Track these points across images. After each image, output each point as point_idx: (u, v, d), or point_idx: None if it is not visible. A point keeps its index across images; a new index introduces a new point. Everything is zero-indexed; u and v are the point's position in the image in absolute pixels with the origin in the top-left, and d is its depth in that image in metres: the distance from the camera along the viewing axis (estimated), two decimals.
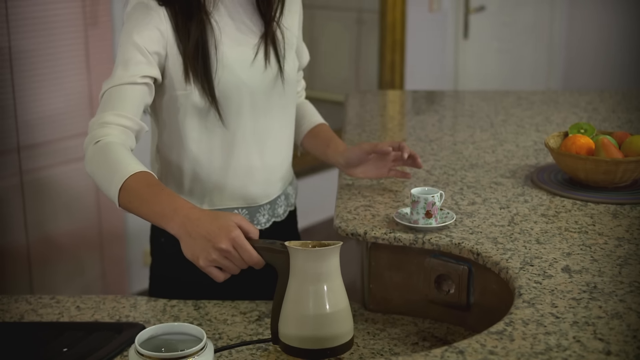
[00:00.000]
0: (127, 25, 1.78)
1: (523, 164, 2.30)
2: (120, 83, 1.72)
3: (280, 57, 1.91)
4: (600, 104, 3.01)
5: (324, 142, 2.09)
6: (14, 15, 3.29)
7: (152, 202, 1.56)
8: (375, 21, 5.18)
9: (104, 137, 1.66)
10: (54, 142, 3.50)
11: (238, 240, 1.47)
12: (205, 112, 1.83)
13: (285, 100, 1.95)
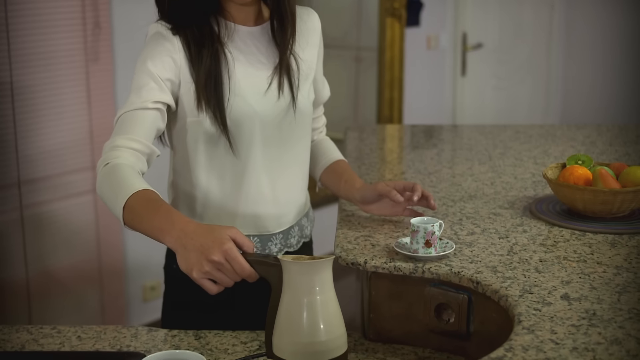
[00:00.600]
0: (143, 53, 1.82)
1: (521, 196, 2.32)
2: (133, 108, 1.77)
3: (293, 87, 1.92)
4: (597, 138, 3.03)
5: (341, 177, 2.10)
6: (16, 51, 3.32)
7: (152, 218, 1.59)
8: (373, 59, 5.23)
9: (113, 160, 1.69)
10: (54, 177, 3.51)
11: (230, 252, 1.48)
12: (217, 140, 1.85)
13: (298, 132, 1.95)
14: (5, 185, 3.36)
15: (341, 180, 2.10)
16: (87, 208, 3.63)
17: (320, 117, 2.20)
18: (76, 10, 3.48)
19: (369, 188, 2.03)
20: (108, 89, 3.64)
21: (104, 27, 3.58)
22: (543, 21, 6.26)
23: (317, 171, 2.15)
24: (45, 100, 3.45)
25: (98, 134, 3.61)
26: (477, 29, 5.72)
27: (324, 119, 2.22)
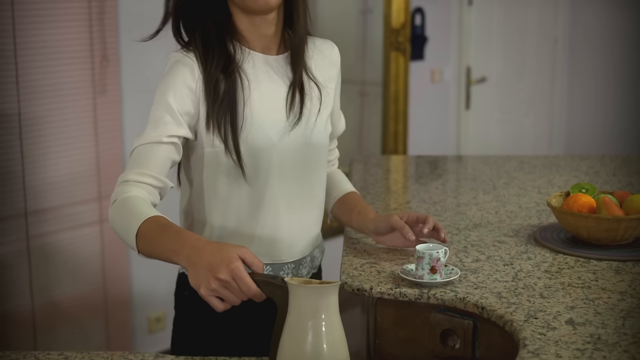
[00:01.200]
0: (162, 83, 1.83)
1: (526, 224, 2.34)
2: (147, 142, 1.78)
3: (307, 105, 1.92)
4: (601, 168, 3.05)
5: (354, 209, 2.10)
6: (24, 82, 3.36)
7: (163, 241, 1.61)
8: (378, 93, 5.26)
9: (123, 194, 1.72)
10: (61, 208, 3.53)
11: (237, 271, 1.50)
12: (234, 170, 1.85)
13: (315, 163, 1.95)
14: (12, 215, 3.38)
15: (354, 211, 2.10)
16: (93, 239, 3.65)
17: (334, 150, 2.20)
18: (84, 43, 3.52)
19: (382, 220, 2.03)
20: (115, 121, 3.67)
21: (111, 60, 3.61)
22: (546, 55, 6.30)
23: (328, 203, 2.15)
24: (52, 131, 3.48)
25: (105, 165, 3.64)
26: (481, 63, 5.76)
27: (337, 152, 2.23)
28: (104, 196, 3.65)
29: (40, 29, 3.38)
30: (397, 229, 1.99)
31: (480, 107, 5.79)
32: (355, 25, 5.53)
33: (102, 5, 3.54)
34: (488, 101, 5.85)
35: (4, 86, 3.30)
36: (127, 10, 3.64)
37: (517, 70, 6.08)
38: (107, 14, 3.57)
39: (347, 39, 5.49)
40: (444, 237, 2.00)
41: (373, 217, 2.06)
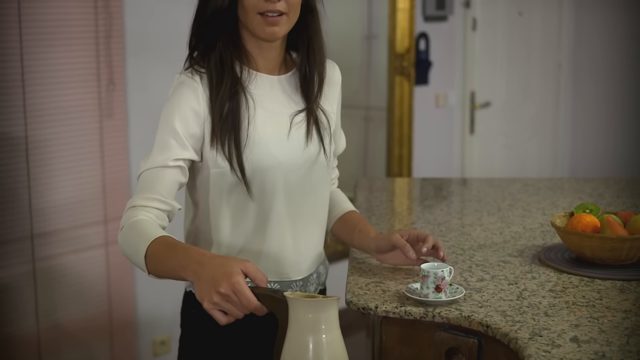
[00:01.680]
0: (167, 106, 1.85)
1: (530, 244, 2.34)
2: (153, 167, 1.81)
3: (324, 138, 1.95)
4: (605, 190, 3.06)
5: (355, 228, 2.11)
6: (31, 106, 3.38)
7: (171, 258, 1.63)
8: (382, 118, 5.29)
9: (131, 219, 1.74)
10: (67, 231, 3.54)
11: (237, 285, 1.51)
12: (239, 190, 1.87)
13: (320, 181, 1.98)
14: (18, 238, 3.39)
15: (355, 230, 2.11)
16: (99, 262, 3.66)
17: (334, 169, 2.22)
18: (91, 66, 3.54)
19: (384, 238, 2.05)
20: (121, 144, 3.69)
21: (118, 83, 3.64)
22: (550, 80, 6.33)
23: (329, 222, 2.16)
24: (59, 154, 3.50)
25: (111, 188, 3.66)
26: (485, 88, 5.78)
27: (337, 172, 2.24)
28: (109, 219, 3.66)
29: (48, 52, 3.41)
30: (398, 247, 2.01)
31: (484, 132, 5.81)
32: (360, 50, 5.57)
33: (109, 30, 3.57)
34: (492, 126, 5.87)
35: (11, 109, 3.33)
36: (133, 34, 3.67)
37: (521, 95, 6.10)
38: (113, 37, 3.60)
39: (351, 64, 5.52)
40: (443, 256, 2.01)
41: (374, 236, 2.08)
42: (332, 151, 2.01)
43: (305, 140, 1.92)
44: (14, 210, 3.37)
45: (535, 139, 6.27)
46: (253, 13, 1.83)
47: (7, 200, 3.35)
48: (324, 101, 2.00)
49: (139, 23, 3.69)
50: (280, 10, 1.82)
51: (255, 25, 1.84)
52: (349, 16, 5.53)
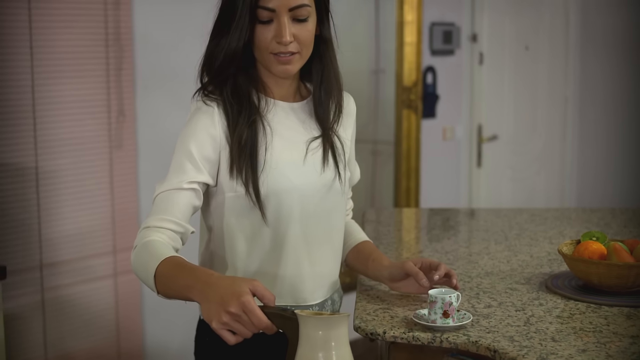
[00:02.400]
0: (183, 131, 1.88)
1: (537, 272, 2.36)
2: (168, 189, 1.83)
3: (339, 163, 1.98)
4: (612, 220, 3.07)
5: (369, 257, 2.13)
6: (42, 137, 3.42)
7: (178, 278, 1.64)
8: (390, 152, 5.31)
9: (144, 239, 1.76)
10: (76, 261, 3.56)
11: (247, 305, 1.51)
12: (255, 214, 1.89)
13: (336, 208, 2.00)
14: (28, 268, 3.41)
15: (369, 259, 2.12)
16: (107, 292, 3.67)
17: (348, 200, 2.24)
18: (101, 98, 3.58)
19: (397, 266, 2.06)
20: (131, 175, 3.71)
21: (128, 115, 3.67)
22: (557, 114, 6.35)
23: (343, 252, 2.16)
24: (69, 185, 3.53)
25: (120, 219, 3.68)
26: (492, 121, 5.81)
27: (351, 203, 2.26)
28: (118, 249, 3.68)
29: (59, 84, 3.44)
30: (411, 275, 2.02)
31: (491, 165, 5.83)
32: (368, 85, 5.60)
33: (119, 62, 3.62)
34: (499, 159, 5.89)
35: (22, 140, 3.36)
36: (143, 67, 3.72)
37: (528, 129, 6.13)
38: (124, 70, 3.64)
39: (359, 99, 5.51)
40: (456, 284, 2.03)
41: (387, 264, 2.09)
42: (347, 178, 2.03)
43: (321, 166, 1.95)
44: (24, 240, 3.40)
45: (542, 172, 6.28)
46: (266, 53, 1.87)
47: (17, 230, 3.38)
48: (339, 128, 2.02)
49: (149, 56, 3.73)
50: (292, 51, 1.86)
51: (269, 63, 1.89)
52: (357, 51, 5.57)
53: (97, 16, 3.53)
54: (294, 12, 1.85)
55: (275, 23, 1.85)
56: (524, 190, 6.11)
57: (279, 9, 1.83)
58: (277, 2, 1.83)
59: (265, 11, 1.84)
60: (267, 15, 1.84)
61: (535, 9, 6.04)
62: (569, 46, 6.35)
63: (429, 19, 5.26)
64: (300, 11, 1.85)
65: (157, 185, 1.86)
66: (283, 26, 1.84)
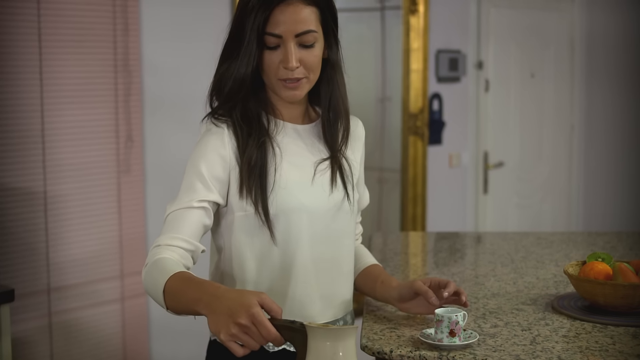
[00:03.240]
0: (194, 151, 1.91)
1: (543, 293, 2.36)
2: (178, 208, 1.85)
3: (346, 183, 1.99)
4: (618, 243, 3.08)
5: (377, 279, 2.13)
6: (51, 161, 3.44)
7: (186, 292, 1.65)
8: (396, 180, 5.32)
9: (155, 257, 1.78)
10: (84, 285, 3.58)
11: (257, 316, 1.52)
12: (264, 233, 1.90)
13: (346, 228, 2.01)
14: (36, 292, 3.43)
15: (377, 281, 2.13)
16: (115, 317, 3.68)
17: (358, 224, 2.24)
18: (110, 124, 3.61)
19: (406, 286, 2.05)
20: (139, 200, 3.74)
21: (136, 140, 3.70)
22: (563, 141, 6.37)
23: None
24: (76, 209, 3.55)
25: (127, 243, 3.69)
26: (498, 148, 5.83)
27: (361, 227, 2.26)
28: (126, 274, 3.70)
29: (68, 109, 3.48)
30: (421, 293, 2.01)
31: (498, 192, 5.84)
32: (374, 113, 5.63)
33: (127, 88, 3.65)
34: (506, 186, 5.90)
35: (31, 164, 3.39)
36: (152, 92, 3.75)
37: (535, 156, 6.14)
38: (132, 96, 3.67)
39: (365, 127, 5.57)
40: (465, 301, 2.02)
41: (396, 285, 2.09)
42: (355, 199, 2.04)
43: (329, 187, 1.96)
44: (32, 264, 3.41)
45: (548, 199, 6.29)
46: (274, 78, 1.90)
47: (25, 254, 3.39)
48: (347, 151, 2.04)
49: (157, 82, 3.77)
50: (299, 76, 1.88)
51: (276, 88, 1.91)
52: (363, 79, 5.61)
53: (106, 42, 3.57)
54: (300, 38, 1.87)
55: (281, 49, 1.87)
56: (530, 217, 6.12)
57: (285, 35, 1.86)
58: (284, 28, 1.85)
59: (272, 37, 1.86)
60: (274, 41, 1.87)
61: (540, 37, 6.08)
62: (574, 74, 6.38)
63: (435, 46, 5.30)
64: (307, 37, 1.87)
65: (168, 205, 1.88)
66: (289, 52, 1.86)
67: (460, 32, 5.49)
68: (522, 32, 5.93)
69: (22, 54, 3.33)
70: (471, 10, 5.53)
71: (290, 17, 1.85)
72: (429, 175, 5.34)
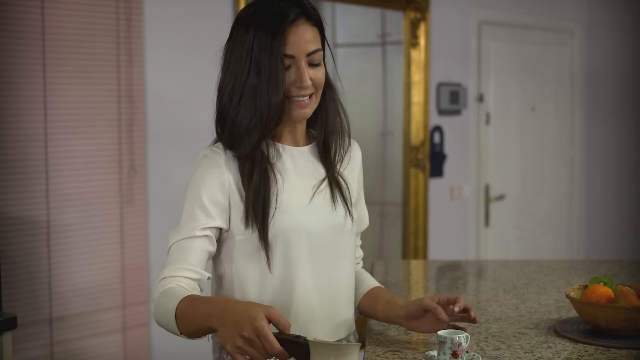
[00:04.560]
0: (192, 178, 1.92)
1: (546, 318, 2.37)
2: (182, 238, 1.87)
3: (346, 201, 2.00)
4: (619, 270, 3.09)
5: (383, 300, 2.10)
6: (54, 191, 3.46)
7: (197, 311, 1.68)
8: (398, 214, 5.34)
9: (162, 288, 1.80)
10: (86, 315, 3.58)
11: (261, 330, 1.54)
12: (264, 257, 1.91)
13: (345, 248, 2.01)
14: (38, 321, 3.43)
15: (382, 302, 2.09)
16: (116, 346, 3.68)
17: (358, 248, 2.24)
18: (113, 154, 3.64)
19: (414, 303, 2.02)
20: (141, 230, 3.75)
21: (138, 171, 3.72)
22: (564, 174, 6.39)
23: (355, 300, 2.16)
24: (79, 239, 3.56)
25: (130, 273, 3.70)
26: (499, 181, 5.85)
27: (361, 252, 2.26)
28: (128, 304, 3.70)
29: (71, 138, 3.50)
30: (430, 310, 1.97)
31: (499, 224, 5.85)
32: (375, 147, 5.66)
33: (131, 118, 3.68)
34: (507, 218, 5.91)
35: (34, 194, 3.41)
36: (155, 122, 3.78)
37: (535, 189, 6.16)
38: (135, 126, 3.70)
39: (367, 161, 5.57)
40: (474, 317, 1.98)
41: (403, 304, 2.06)
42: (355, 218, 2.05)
43: (329, 207, 1.97)
44: (34, 293, 3.42)
45: (549, 232, 6.30)
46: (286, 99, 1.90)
47: (27, 283, 3.40)
48: (344, 170, 2.05)
49: (160, 112, 3.80)
50: (310, 93, 1.91)
51: (287, 109, 1.91)
52: (364, 114, 5.64)
53: (110, 73, 3.61)
54: (310, 57, 1.90)
55: (293, 68, 1.89)
56: (532, 249, 6.12)
57: (298, 55, 1.88)
58: (297, 48, 1.87)
59: (287, 58, 1.88)
60: (287, 62, 1.88)
61: (540, 71, 6.12)
62: (574, 107, 6.41)
63: (436, 80, 5.34)
64: (315, 56, 1.90)
65: (171, 235, 1.90)
66: (302, 71, 1.88)
67: (461, 65, 5.53)
68: (522, 65, 5.98)
69: (27, 83, 3.36)
70: (472, 43, 5.58)
71: (302, 38, 1.88)
72: (431, 208, 5.35)
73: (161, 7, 3.80)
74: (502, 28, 5.82)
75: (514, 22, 5.91)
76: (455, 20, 5.47)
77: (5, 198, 3.32)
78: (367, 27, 5.81)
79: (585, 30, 6.43)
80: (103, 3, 3.57)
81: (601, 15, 6.44)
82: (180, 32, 3.88)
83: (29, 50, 3.36)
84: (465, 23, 5.54)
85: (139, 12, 3.69)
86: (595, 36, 6.44)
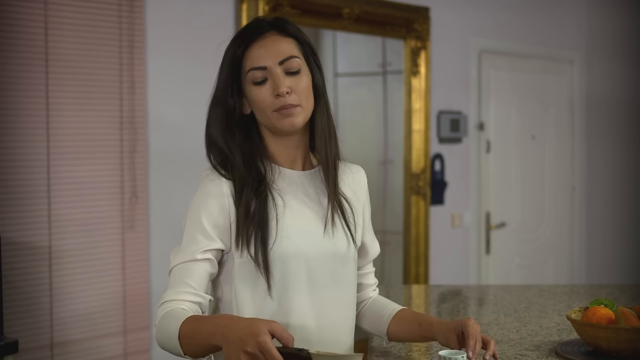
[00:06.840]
0: (193, 201, 1.92)
1: (547, 340, 2.37)
2: (182, 261, 1.87)
3: (348, 224, 1.98)
4: (620, 294, 3.09)
5: (415, 321, 2.05)
6: (56, 216, 3.47)
7: (201, 330, 1.69)
8: (399, 242, 5.34)
9: (163, 311, 1.81)
10: (87, 340, 3.58)
11: (264, 344, 1.56)
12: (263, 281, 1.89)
13: (346, 273, 1.99)
14: (39, 346, 3.43)
15: (415, 323, 2.04)
16: None
17: (372, 275, 2.20)
18: (115, 179, 3.65)
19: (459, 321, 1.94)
20: (143, 256, 3.75)
21: (140, 197, 3.73)
22: (564, 202, 6.40)
23: (382, 325, 2.11)
24: (81, 264, 3.56)
25: (131, 299, 3.70)
26: (500, 208, 5.86)
27: (376, 279, 2.22)
28: (129, 330, 3.70)
29: (74, 164, 3.52)
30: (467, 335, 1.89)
31: (500, 252, 5.85)
32: (376, 175, 5.68)
33: (133, 144, 3.69)
34: (508, 246, 5.92)
35: (36, 219, 3.42)
36: (157, 149, 3.79)
37: (536, 217, 6.17)
38: (137, 152, 3.71)
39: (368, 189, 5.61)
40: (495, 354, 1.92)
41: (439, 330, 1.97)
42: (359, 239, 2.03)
43: (329, 232, 1.95)
44: (35, 319, 3.42)
45: (550, 260, 6.30)
46: (269, 112, 1.90)
47: (28, 309, 3.40)
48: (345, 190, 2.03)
49: (162, 138, 3.82)
50: (292, 103, 1.90)
51: (274, 121, 1.91)
52: (365, 142, 5.66)
53: (112, 99, 3.63)
54: (285, 65, 1.90)
55: (269, 80, 1.90)
56: (533, 277, 6.12)
57: (269, 65, 1.89)
58: (266, 58, 1.89)
59: (258, 71, 1.89)
60: (260, 74, 1.90)
61: (540, 99, 6.15)
62: (574, 135, 6.44)
63: (437, 107, 5.36)
64: (291, 63, 1.91)
65: (172, 255, 1.90)
66: (277, 78, 1.89)
67: (461, 93, 5.56)
68: (522, 94, 6.01)
69: (30, 109, 3.38)
70: (472, 72, 5.61)
71: (271, 48, 1.90)
72: (432, 235, 5.36)
73: (164, 33, 3.83)
74: (502, 57, 5.86)
75: (514, 51, 5.95)
76: (455, 48, 5.51)
77: (7, 223, 3.33)
78: (368, 56, 5.85)
79: (584, 59, 6.48)
80: (106, 30, 3.60)
81: (600, 44, 6.48)
82: (183, 59, 3.91)
83: (31, 75, 3.39)
84: (466, 51, 5.58)
85: (142, 38, 3.72)
86: (594, 65, 6.48)
